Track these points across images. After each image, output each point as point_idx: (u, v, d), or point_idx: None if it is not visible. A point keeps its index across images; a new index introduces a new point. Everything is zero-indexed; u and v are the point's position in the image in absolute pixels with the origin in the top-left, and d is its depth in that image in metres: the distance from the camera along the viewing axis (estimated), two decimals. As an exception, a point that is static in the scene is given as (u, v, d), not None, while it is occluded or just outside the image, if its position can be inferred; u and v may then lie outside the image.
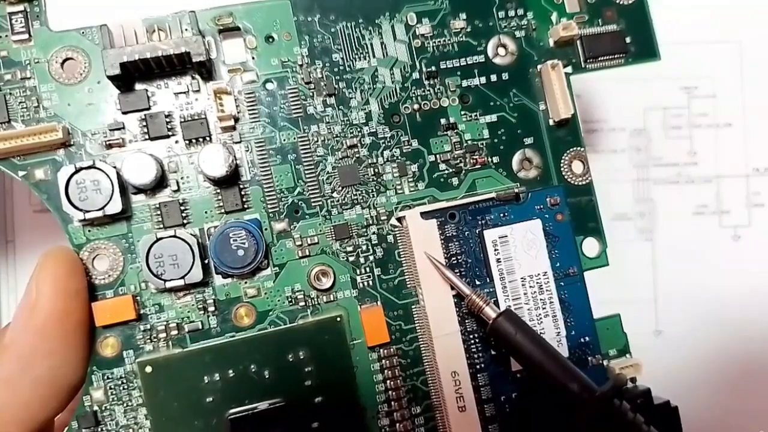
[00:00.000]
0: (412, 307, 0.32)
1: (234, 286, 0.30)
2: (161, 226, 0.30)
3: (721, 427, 0.44)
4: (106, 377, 0.29)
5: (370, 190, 0.32)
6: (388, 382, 0.31)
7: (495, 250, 0.32)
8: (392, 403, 0.31)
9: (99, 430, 0.29)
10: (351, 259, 0.31)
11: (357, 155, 0.32)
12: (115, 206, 0.28)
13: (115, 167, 0.29)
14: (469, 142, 0.33)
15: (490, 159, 0.33)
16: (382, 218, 0.32)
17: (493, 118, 0.33)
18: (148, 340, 0.30)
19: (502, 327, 0.29)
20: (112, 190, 0.28)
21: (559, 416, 0.29)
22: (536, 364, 0.29)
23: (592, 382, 0.28)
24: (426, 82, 0.33)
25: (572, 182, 0.34)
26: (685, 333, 0.45)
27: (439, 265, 0.30)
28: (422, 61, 0.33)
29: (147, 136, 0.30)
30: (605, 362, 0.33)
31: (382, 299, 0.31)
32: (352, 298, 0.31)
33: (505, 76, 0.33)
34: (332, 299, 0.31)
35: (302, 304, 0.31)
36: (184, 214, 0.30)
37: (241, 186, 0.31)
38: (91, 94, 0.30)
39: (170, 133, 0.30)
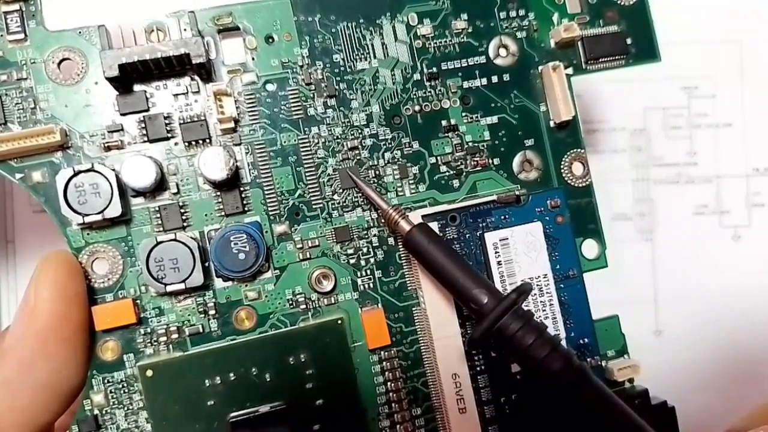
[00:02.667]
0: (413, 309, 0.32)
1: (234, 289, 0.30)
2: (161, 229, 0.30)
3: (719, 427, 0.44)
4: (106, 381, 0.29)
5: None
6: (388, 384, 0.31)
7: (496, 252, 0.32)
8: (393, 404, 0.31)
9: (100, 433, 0.29)
10: (352, 261, 0.31)
11: (358, 157, 0.32)
12: (115, 210, 0.28)
13: (114, 170, 0.29)
14: (470, 143, 0.33)
15: (490, 161, 0.33)
16: (383, 221, 0.32)
17: (494, 119, 0.33)
18: (149, 344, 0.30)
19: (416, 239, 0.29)
20: (111, 193, 0.28)
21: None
22: (446, 275, 0.28)
23: (500, 292, 0.28)
24: (427, 84, 0.32)
25: (572, 184, 0.34)
26: (684, 333, 0.45)
27: (357, 180, 0.30)
28: (423, 62, 0.32)
29: (146, 138, 0.30)
30: (604, 363, 0.33)
31: (383, 301, 0.31)
32: (353, 301, 0.31)
33: (506, 77, 0.33)
34: (333, 302, 0.31)
35: (303, 306, 0.31)
36: (184, 217, 0.30)
37: (242, 189, 0.31)
38: (89, 95, 0.30)
39: (169, 135, 0.30)
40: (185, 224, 0.30)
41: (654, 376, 0.34)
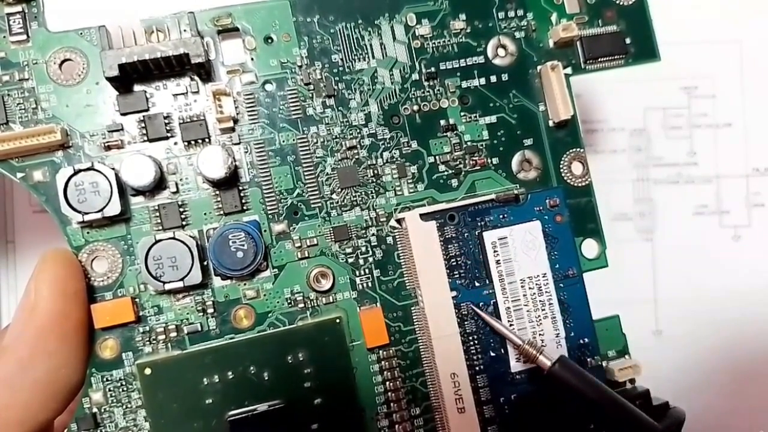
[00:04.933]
0: (412, 308, 0.32)
1: (233, 288, 0.30)
2: (160, 227, 0.30)
3: (720, 428, 0.44)
4: (105, 379, 0.29)
5: (370, 192, 0.32)
6: (387, 383, 0.31)
7: (494, 251, 0.32)
8: (391, 404, 0.31)
9: (98, 431, 0.29)
10: (350, 260, 0.31)
11: (356, 156, 0.32)
12: (114, 208, 0.28)
13: (113, 169, 0.29)
14: (469, 143, 0.33)
15: (489, 160, 0.33)
16: (382, 220, 0.32)
17: (493, 119, 0.33)
18: (147, 342, 0.30)
19: (558, 374, 0.30)
20: (111, 192, 0.28)
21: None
22: (596, 407, 0.29)
23: (652, 420, 0.29)
24: (425, 83, 0.33)
25: (572, 183, 0.34)
26: (685, 333, 0.45)
27: (488, 317, 0.31)
28: (422, 62, 0.33)
29: (146, 138, 0.30)
30: (604, 363, 0.33)
31: (382, 301, 0.31)
32: (351, 300, 0.31)
33: (504, 77, 0.33)
34: (331, 301, 0.31)
35: (301, 305, 0.31)
36: (183, 216, 0.30)
37: (240, 187, 0.31)
38: (90, 95, 0.30)
39: (169, 135, 0.30)
40: (184, 223, 0.30)
41: (654, 376, 0.34)
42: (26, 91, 0.29)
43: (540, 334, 0.32)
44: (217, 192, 0.30)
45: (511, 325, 0.32)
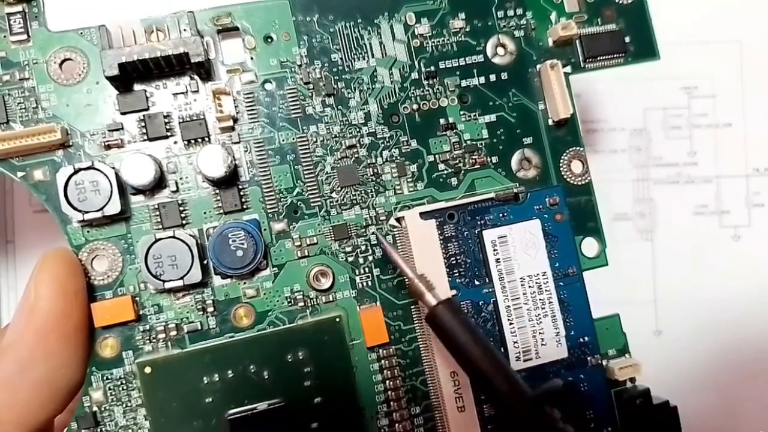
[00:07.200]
0: (411, 307, 0.32)
1: (233, 287, 0.30)
2: (160, 226, 0.30)
3: (720, 427, 0.44)
4: (105, 378, 0.29)
5: (369, 191, 0.32)
6: (387, 382, 0.31)
7: (494, 250, 0.32)
8: (391, 403, 0.31)
9: (98, 430, 0.29)
10: (350, 259, 0.31)
11: (356, 155, 0.32)
12: (114, 207, 0.28)
13: (113, 168, 0.29)
14: (468, 142, 0.33)
15: (489, 159, 0.33)
16: (381, 218, 0.32)
17: (492, 118, 0.33)
18: (148, 341, 0.30)
19: (440, 316, 0.28)
20: (111, 191, 0.28)
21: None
22: (470, 360, 0.27)
23: (527, 387, 0.27)
24: (425, 82, 0.33)
25: (571, 182, 0.34)
26: (684, 333, 0.45)
27: (386, 245, 0.30)
28: (421, 61, 0.33)
29: (146, 137, 0.30)
30: (605, 362, 0.33)
31: (381, 299, 0.31)
32: (351, 299, 0.31)
33: (504, 75, 0.33)
34: (331, 299, 0.31)
35: (301, 304, 0.31)
36: (183, 215, 0.30)
37: (240, 186, 0.31)
38: (90, 94, 0.30)
39: (169, 134, 0.30)
40: (184, 222, 0.30)
41: (654, 375, 0.34)
42: (27, 90, 0.29)
43: (540, 333, 0.32)
44: (217, 191, 0.30)
45: (510, 324, 0.32)
